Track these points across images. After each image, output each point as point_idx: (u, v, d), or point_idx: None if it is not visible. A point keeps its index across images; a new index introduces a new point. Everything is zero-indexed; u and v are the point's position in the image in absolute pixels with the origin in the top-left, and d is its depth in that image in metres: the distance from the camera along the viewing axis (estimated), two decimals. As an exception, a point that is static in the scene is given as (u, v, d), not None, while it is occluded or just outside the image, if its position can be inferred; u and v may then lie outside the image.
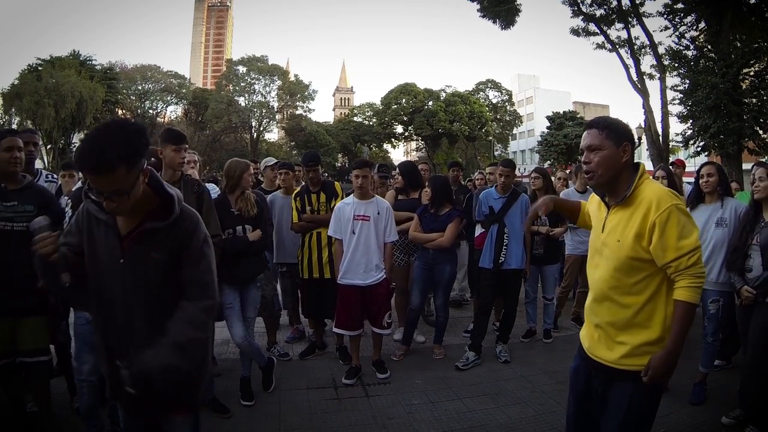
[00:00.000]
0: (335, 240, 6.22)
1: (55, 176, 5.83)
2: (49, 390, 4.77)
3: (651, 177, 3.08)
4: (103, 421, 4.57)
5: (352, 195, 6.25)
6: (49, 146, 49.31)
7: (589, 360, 3.16)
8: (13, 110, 50.18)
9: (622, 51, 25.70)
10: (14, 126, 48.25)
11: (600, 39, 26.75)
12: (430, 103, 68.94)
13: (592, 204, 3.39)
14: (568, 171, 9.39)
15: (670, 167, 7.56)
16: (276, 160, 8.34)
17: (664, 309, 2.88)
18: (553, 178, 8.98)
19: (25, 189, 4.43)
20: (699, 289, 2.83)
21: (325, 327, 7.20)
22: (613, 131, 2.95)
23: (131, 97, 65.98)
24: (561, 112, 64.97)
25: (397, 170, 7.99)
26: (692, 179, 6.09)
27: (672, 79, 23.61)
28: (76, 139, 52.45)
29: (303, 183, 7.21)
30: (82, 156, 2.29)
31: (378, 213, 6.12)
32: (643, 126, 24.75)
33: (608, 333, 3.01)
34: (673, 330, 2.82)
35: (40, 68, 53.03)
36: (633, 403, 2.94)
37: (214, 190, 6.07)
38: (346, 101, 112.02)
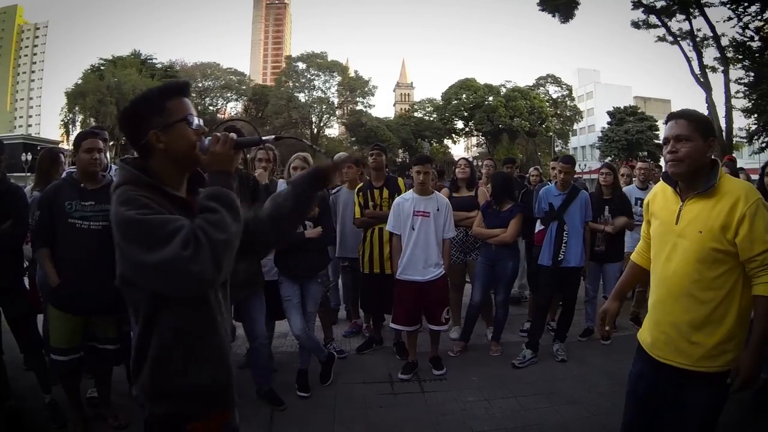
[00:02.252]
0: (393, 235, 6.23)
1: None
2: (110, 378, 4.95)
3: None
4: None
5: (411, 190, 6.26)
6: (111, 143, 50.47)
7: (656, 364, 3.07)
8: (76, 108, 51.58)
9: (683, 43, 25.32)
10: (78, 124, 49.62)
11: (661, 31, 26.40)
12: (491, 98, 68.43)
13: (655, 198, 3.29)
14: (629, 167, 9.21)
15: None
16: (346, 155, 8.38)
17: (738, 305, 2.82)
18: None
19: (103, 188, 4.52)
20: None
21: (383, 322, 7.21)
22: (702, 125, 2.93)
23: (192, 94, 66.75)
24: (621, 107, 64.07)
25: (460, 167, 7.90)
26: (753, 176, 5.94)
27: (736, 72, 23.16)
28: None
29: (367, 177, 7.25)
30: None
31: (438, 209, 6.11)
32: (706, 121, 24.22)
33: (682, 332, 2.92)
34: (757, 327, 2.76)
35: (102, 68, 54.51)
36: (710, 406, 2.89)
37: (282, 186, 6.12)
38: (407, 97, 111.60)
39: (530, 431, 4.91)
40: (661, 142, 3.11)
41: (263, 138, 2.37)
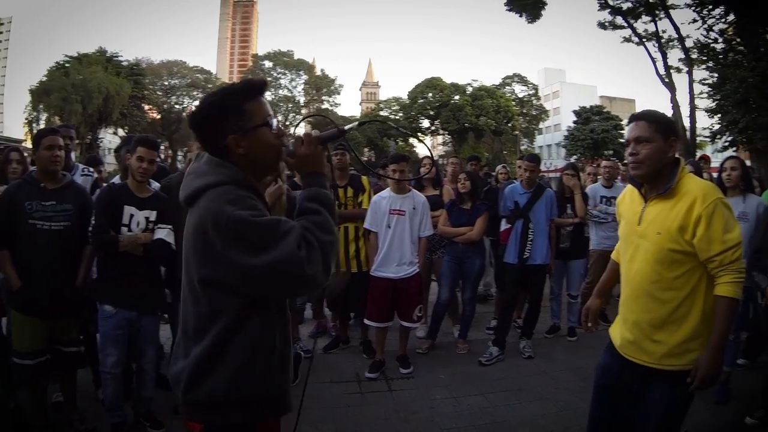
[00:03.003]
0: (371, 232, 6.26)
1: (91, 170, 5.88)
2: (75, 381, 4.87)
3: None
4: (127, 412, 4.64)
5: (388, 189, 6.28)
6: (76, 142, 49.81)
7: (623, 360, 3.12)
8: (41, 107, 50.89)
9: (649, 44, 25.60)
10: (42, 122, 48.96)
11: (627, 32, 26.66)
12: (457, 97, 68.45)
13: (624, 199, 3.36)
14: (595, 166, 9.31)
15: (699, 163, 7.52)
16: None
17: (702, 305, 2.86)
18: (581, 174, 8.93)
19: (65, 188, 4.49)
20: (741, 285, 2.82)
21: (349, 321, 7.22)
22: (662, 125, 2.95)
23: (157, 92, 66.33)
24: (587, 107, 64.49)
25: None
26: (715, 174, 6.05)
27: (700, 73, 23.46)
28: (103, 134, 52.95)
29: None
30: None
31: (414, 208, 6.17)
32: (670, 120, 24.53)
33: (644, 331, 2.98)
34: (717, 327, 2.80)
35: (67, 65, 53.69)
36: (673, 403, 2.93)
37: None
38: (373, 96, 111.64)
39: (498, 428, 4.94)
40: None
41: (345, 128, 2.28)
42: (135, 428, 4.67)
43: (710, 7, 22.09)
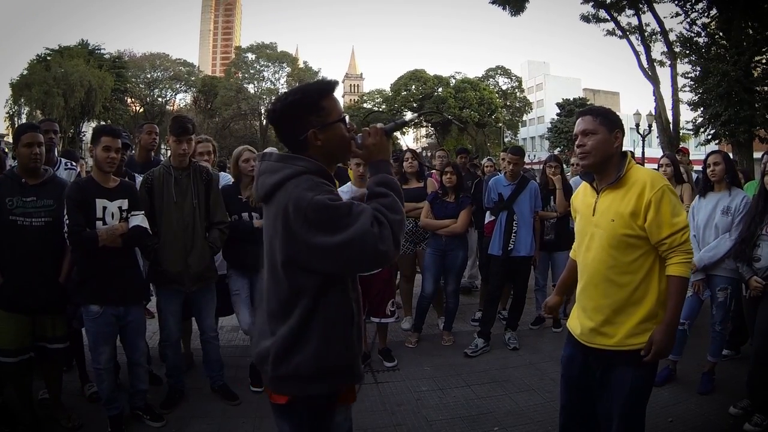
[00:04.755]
0: None
1: (74, 164, 5.83)
2: (61, 378, 4.84)
3: (637, 164, 3.23)
4: (123, 404, 4.63)
5: (350, 182, 6.24)
6: (59, 135, 49.37)
7: (585, 348, 3.23)
8: (22, 100, 50.25)
9: (632, 38, 25.65)
10: (24, 116, 48.47)
11: (610, 25, 26.68)
12: (440, 89, 68.38)
13: (577, 196, 3.53)
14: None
15: (676, 155, 7.57)
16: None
17: (657, 285, 3.03)
18: (564, 166, 8.95)
19: (45, 183, 4.42)
20: (690, 264, 3.02)
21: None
22: (606, 118, 3.13)
23: (140, 85, 65.90)
24: (571, 99, 64.66)
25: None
26: (697, 167, 6.09)
27: (683, 66, 23.52)
28: (86, 128, 52.52)
29: None
30: None
31: None
32: (653, 113, 24.67)
33: (605, 316, 3.09)
34: (669, 304, 2.99)
35: (48, 58, 53.07)
36: (636, 384, 3.05)
37: (225, 178, 6.04)
38: (356, 88, 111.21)
39: (485, 419, 4.96)
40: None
41: (406, 119, 2.58)
42: (131, 422, 4.66)
43: (693, 1, 22.21)
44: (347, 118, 2.39)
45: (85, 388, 5.17)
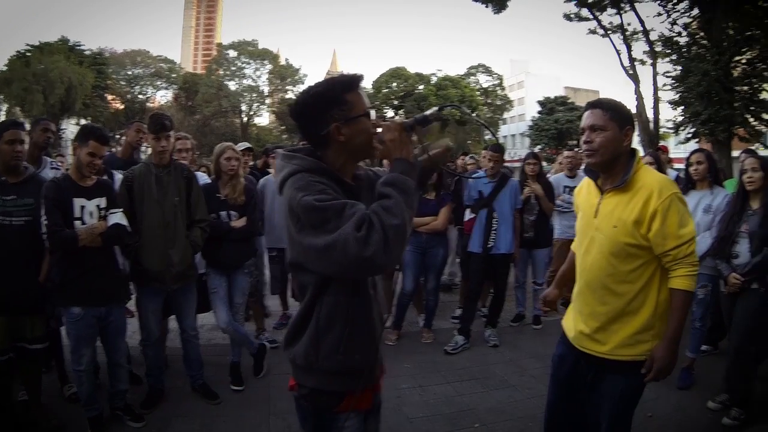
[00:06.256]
0: None
1: (59, 163, 5.77)
2: (40, 378, 4.77)
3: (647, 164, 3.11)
4: (103, 404, 4.60)
5: None
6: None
7: (577, 351, 3.16)
8: (1, 97, 49.67)
9: (614, 37, 25.66)
10: (3, 113, 47.93)
11: (592, 24, 26.67)
12: (421, 87, 68.21)
13: (581, 191, 3.38)
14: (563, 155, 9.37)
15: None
16: (248, 145, 8.16)
17: (655, 297, 2.91)
18: (544, 163, 8.98)
19: (26, 182, 4.37)
20: (695, 278, 2.87)
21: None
22: (617, 114, 2.94)
23: (121, 82, 65.21)
24: (552, 97, 64.92)
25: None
26: (679, 165, 6.13)
27: (664, 66, 23.69)
28: (66, 125, 52.06)
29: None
30: None
31: None
32: (634, 111, 24.75)
33: (599, 323, 3.01)
34: (671, 319, 2.85)
35: (28, 54, 52.34)
36: (625, 393, 2.99)
37: (202, 179, 6.01)
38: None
39: (465, 416, 4.98)
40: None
41: (427, 113, 2.42)
42: (111, 422, 4.62)
43: (675, 1, 22.32)
44: (373, 113, 2.32)
45: (65, 389, 5.13)
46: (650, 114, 23.87)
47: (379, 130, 2.27)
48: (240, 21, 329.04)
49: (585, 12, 26.47)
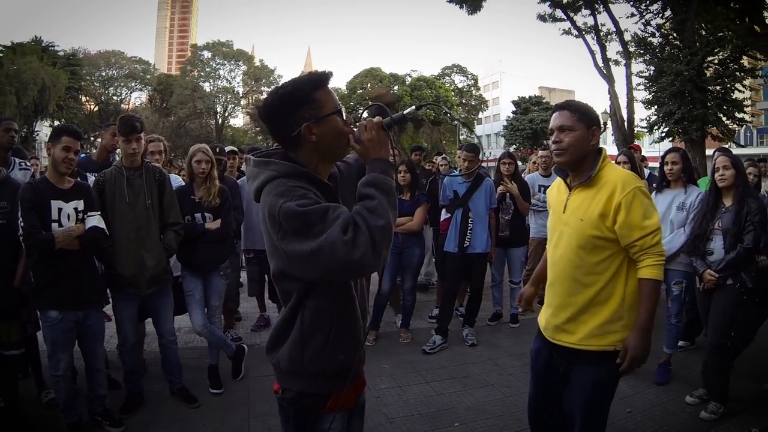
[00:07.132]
0: None
1: (28, 163, 5.70)
2: (17, 384, 4.72)
3: (612, 161, 3.18)
4: (82, 411, 4.55)
5: None
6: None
7: (549, 343, 3.23)
8: (-27, 98, 49.08)
9: (588, 37, 25.83)
10: (-26, 115, 47.34)
11: (566, 25, 26.83)
12: (396, 87, 68.26)
13: (552, 191, 3.47)
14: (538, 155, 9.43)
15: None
16: (233, 148, 8.15)
17: (623, 287, 2.99)
18: (519, 163, 9.03)
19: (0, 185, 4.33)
20: (662, 267, 2.95)
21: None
22: (585, 115, 3.04)
23: (95, 83, 64.70)
24: (527, 97, 65.23)
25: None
26: (653, 164, 6.20)
27: (637, 66, 23.83)
28: (39, 126, 51.54)
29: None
30: None
31: None
32: (608, 111, 24.92)
33: (568, 314, 3.08)
34: (642, 308, 2.93)
35: (0, 55, 51.85)
36: (597, 382, 3.03)
37: (176, 181, 5.96)
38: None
39: (445, 415, 4.99)
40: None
41: (404, 112, 2.39)
42: (90, 428, 4.57)
43: (648, 2, 22.55)
44: (344, 110, 2.26)
45: (42, 394, 5.06)
46: (624, 113, 24.07)
47: (355, 129, 2.24)
48: (215, 22, 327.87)
49: (559, 13, 26.63)
